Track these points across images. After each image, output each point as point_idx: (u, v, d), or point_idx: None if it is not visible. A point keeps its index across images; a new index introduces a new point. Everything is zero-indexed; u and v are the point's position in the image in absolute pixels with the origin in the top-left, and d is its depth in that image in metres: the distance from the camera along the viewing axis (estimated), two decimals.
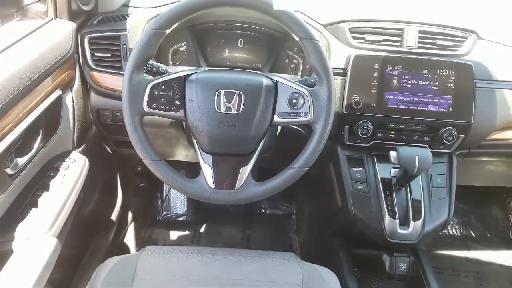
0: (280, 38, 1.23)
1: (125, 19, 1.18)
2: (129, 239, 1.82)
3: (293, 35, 0.88)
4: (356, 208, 1.17)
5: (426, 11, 1.22)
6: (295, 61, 1.24)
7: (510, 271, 1.85)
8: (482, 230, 2.02)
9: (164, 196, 2.06)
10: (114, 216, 1.65)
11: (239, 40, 1.25)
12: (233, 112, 0.86)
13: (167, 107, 0.88)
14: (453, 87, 1.10)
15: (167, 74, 0.90)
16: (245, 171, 0.90)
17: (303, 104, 0.89)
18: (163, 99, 0.87)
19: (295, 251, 1.87)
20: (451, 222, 2.01)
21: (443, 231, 1.24)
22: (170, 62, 1.25)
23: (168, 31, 0.86)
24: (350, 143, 1.18)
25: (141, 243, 1.85)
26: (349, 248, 1.30)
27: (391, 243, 1.14)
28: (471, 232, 2.02)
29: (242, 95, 0.86)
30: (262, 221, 2.03)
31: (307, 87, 0.89)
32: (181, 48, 1.24)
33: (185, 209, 2.04)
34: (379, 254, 1.27)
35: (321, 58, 0.87)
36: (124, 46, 1.14)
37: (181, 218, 2.02)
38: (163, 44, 1.20)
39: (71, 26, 1.13)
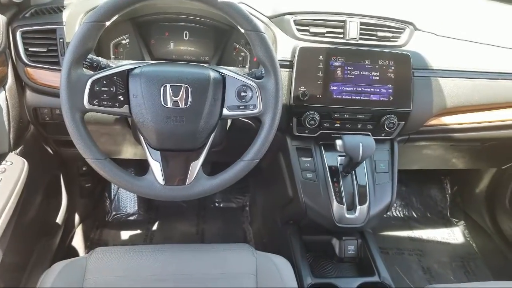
0: (227, 30, 1.22)
1: (61, 11, 1.12)
2: (77, 242, 1.75)
3: (239, 27, 0.88)
4: (306, 197, 1.20)
5: (366, 3, 1.26)
6: (242, 53, 1.24)
7: (448, 247, 2.00)
8: (423, 210, 2.16)
9: (112, 195, 2.00)
10: (59, 220, 1.57)
11: (184, 33, 1.23)
12: (180, 106, 0.85)
13: (109, 103, 0.85)
14: (393, 76, 1.15)
15: (108, 68, 0.86)
16: (196, 165, 0.89)
17: (252, 97, 0.89)
18: (105, 95, 0.84)
19: (249, 242, 1.89)
20: (395, 205, 2.13)
21: (387, 213, 1.31)
22: (112, 56, 1.20)
23: (108, 23, 0.83)
24: (298, 134, 1.20)
25: (90, 246, 1.78)
26: (301, 235, 1.34)
27: (339, 228, 1.19)
28: (413, 213, 2.15)
29: (189, 88, 0.85)
30: (216, 215, 2.03)
31: (255, 80, 0.90)
32: (123, 41, 1.20)
33: (136, 208, 1.99)
34: (329, 239, 1.32)
35: (268, 50, 0.88)
36: (61, 40, 1.08)
37: (132, 217, 1.97)
38: (104, 37, 1.16)
39: (1, 19, 1.05)
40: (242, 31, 0.88)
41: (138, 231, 1.90)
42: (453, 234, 2.07)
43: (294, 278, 1.01)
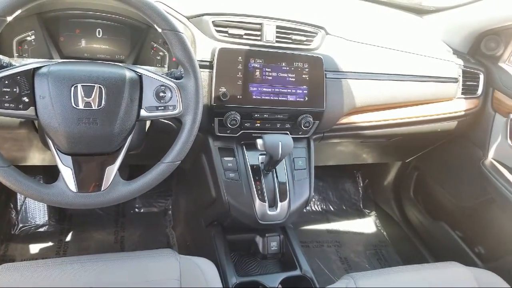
0: (143, 29, 1.19)
1: None
2: None
3: (156, 26, 0.86)
4: (229, 196, 1.21)
5: (282, 7, 1.31)
6: (160, 53, 1.21)
7: (362, 237, 2.15)
8: (339, 203, 2.29)
9: (19, 206, 1.82)
10: None
11: (97, 30, 1.16)
12: (93, 107, 0.81)
13: (12, 105, 0.78)
14: (307, 78, 1.21)
15: (11, 67, 0.79)
16: (112, 170, 0.85)
17: (171, 97, 0.88)
18: (7, 96, 0.77)
19: (172, 246, 1.85)
20: (313, 199, 2.24)
21: (307, 208, 1.37)
22: (16, 54, 1.10)
23: (9, 18, 0.76)
24: (220, 134, 1.21)
25: None
26: (225, 235, 1.35)
27: (262, 225, 1.22)
28: (330, 206, 2.27)
29: (103, 89, 0.81)
30: (137, 220, 1.96)
31: (174, 80, 0.89)
32: (28, 38, 1.10)
33: (46, 218, 1.84)
34: (252, 237, 1.35)
35: (186, 50, 0.87)
36: None
37: (42, 229, 1.82)
38: (5, 34, 1.06)
39: None
40: (159, 30, 0.86)
41: (50, 244, 1.76)
42: (366, 224, 2.23)
43: (219, 279, 1.01)
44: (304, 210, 1.41)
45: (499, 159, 1.51)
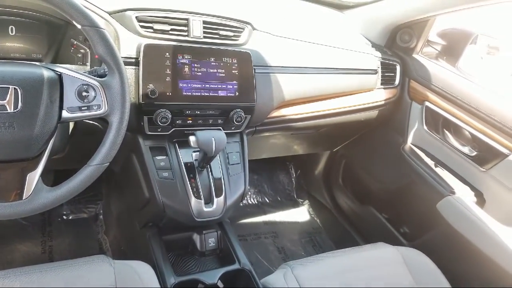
0: (61, 25, 1.12)
1: None
2: None
3: (74, 22, 0.82)
4: (163, 196, 1.18)
5: (208, 2, 1.30)
6: (82, 50, 1.15)
7: (297, 226, 2.23)
8: (274, 195, 2.35)
9: None
10: None
11: (9, 28, 1.08)
12: (9, 111, 0.75)
13: None
14: (237, 73, 1.21)
15: None
16: (34, 176, 0.80)
17: (95, 97, 0.84)
18: None
19: (106, 252, 1.78)
20: (249, 193, 2.27)
21: (243, 201, 1.39)
22: None
23: None
24: (151, 133, 1.18)
25: None
26: (161, 236, 1.32)
27: (199, 223, 1.21)
28: (266, 198, 2.32)
29: (18, 90, 0.76)
30: (65, 228, 1.84)
31: (97, 78, 0.85)
32: None
33: None
34: (190, 235, 1.33)
35: (109, 47, 0.84)
36: None
37: None
38: None
39: None
40: (79, 27, 0.82)
41: None
42: (300, 213, 2.32)
43: (157, 281, 1.00)
44: (241, 204, 1.42)
45: (417, 143, 1.64)
